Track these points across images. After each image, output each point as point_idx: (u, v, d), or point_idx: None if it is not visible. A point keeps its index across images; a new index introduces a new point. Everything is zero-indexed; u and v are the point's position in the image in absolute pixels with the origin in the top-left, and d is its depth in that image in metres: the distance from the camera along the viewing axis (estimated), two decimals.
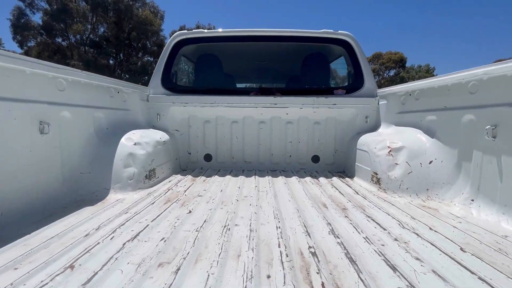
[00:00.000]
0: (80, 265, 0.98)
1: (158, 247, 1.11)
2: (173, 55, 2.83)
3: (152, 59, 24.51)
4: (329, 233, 1.26)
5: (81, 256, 1.03)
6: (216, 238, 1.20)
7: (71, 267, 0.96)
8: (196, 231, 1.27)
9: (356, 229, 1.30)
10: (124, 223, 1.34)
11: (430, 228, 1.32)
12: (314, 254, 1.07)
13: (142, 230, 1.27)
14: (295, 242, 1.17)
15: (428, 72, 35.12)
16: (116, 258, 1.02)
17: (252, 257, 1.03)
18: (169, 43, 2.84)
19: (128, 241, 1.16)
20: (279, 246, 1.13)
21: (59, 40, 22.56)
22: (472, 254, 1.07)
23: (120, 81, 2.33)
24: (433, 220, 1.44)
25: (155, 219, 1.41)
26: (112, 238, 1.19)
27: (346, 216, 1.49)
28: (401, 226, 1.36)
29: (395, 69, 35.89)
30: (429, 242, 1.17)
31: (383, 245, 1.16)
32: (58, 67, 1.65)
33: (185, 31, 2.83)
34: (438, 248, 1.12)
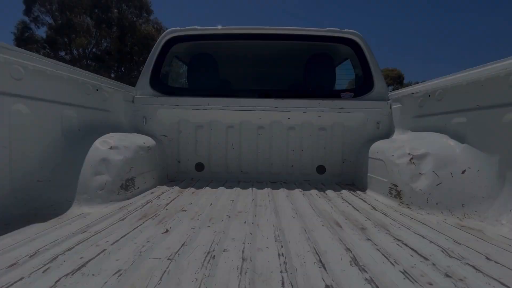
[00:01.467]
0: None
1: (108, 284, 0.77)
2: (164, 54, 2.57)
3: None
4: (350, 264, 0.92)
5: None
6: (194, 270, 0.86)
7: None
8: (168, 259, 0.93)
9: (387, 258, 0.96)
10: (73, 247, 1.00)
11: (487, 258, 0.98)
12: None
13: (94, 258, 0.92)
14: (306, 278, 0.83)
15: None
16: None
17: None
18: (160, 41, 2.58)
19: (67, 275, 0.82)
20: (282, 284, 0.79)
21: (62, 53, 22.84)
22: None
23: (100, 77, 2.04)
24: (483, 246, 1.10)
25: (117, 241, 1.07)
26: (45, 270, 0.84)
27: (368, 239, 1.14)
28: (445, 254, 1.01)
29: (393, 86, 36.24)
30: (496, 280, 0.83)
31: (430, 283, 0.81)
32: (14, 50, 1.36)
33: (178, 28, 2.59)
34: None
